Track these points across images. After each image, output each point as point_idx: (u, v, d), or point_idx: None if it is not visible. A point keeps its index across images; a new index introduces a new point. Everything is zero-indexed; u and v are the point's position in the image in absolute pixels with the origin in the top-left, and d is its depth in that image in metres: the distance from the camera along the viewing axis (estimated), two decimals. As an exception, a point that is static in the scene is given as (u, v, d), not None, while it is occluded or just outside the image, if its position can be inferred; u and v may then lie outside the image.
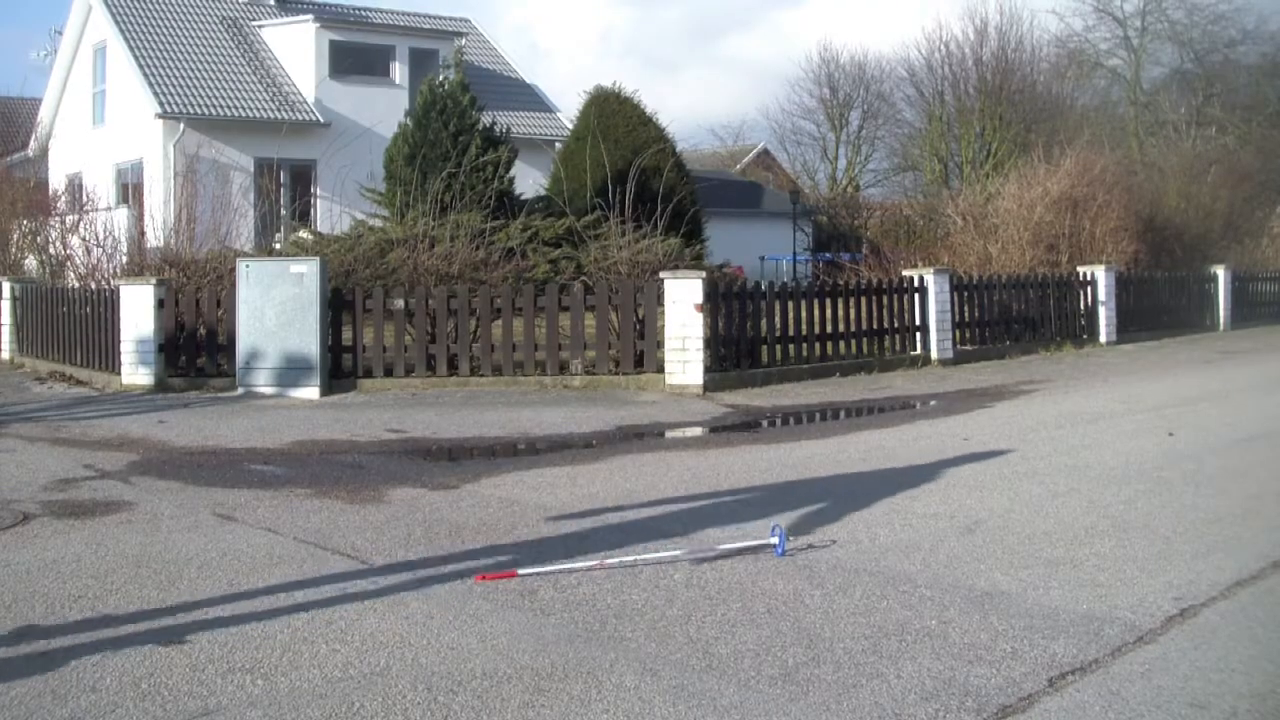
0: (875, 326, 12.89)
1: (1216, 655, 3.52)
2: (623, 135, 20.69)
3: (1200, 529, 5.12)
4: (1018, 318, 14.96)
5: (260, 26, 25.37)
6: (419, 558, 4.75)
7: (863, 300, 12.85)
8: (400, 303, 11.09)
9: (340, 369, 11.03)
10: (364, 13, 28.03)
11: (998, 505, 5.65)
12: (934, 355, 13.20)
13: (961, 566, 4.54)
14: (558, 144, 23.67)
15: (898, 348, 13.07)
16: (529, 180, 21.23)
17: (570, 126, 23.38)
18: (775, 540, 4.69)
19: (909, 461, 6.95)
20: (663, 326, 10.92)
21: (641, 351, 11.06)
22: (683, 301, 10.77)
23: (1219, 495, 5.83)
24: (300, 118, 23.21)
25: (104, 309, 11.70)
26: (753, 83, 73.49)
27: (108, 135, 24.52)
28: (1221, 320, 19.22)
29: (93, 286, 13.14)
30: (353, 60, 24.66)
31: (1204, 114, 35.35)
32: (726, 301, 11.32)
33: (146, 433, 8.34)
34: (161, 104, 22.13)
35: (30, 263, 16.31)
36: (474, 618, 3.92)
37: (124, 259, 14.62)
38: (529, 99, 27.51)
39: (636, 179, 14.12)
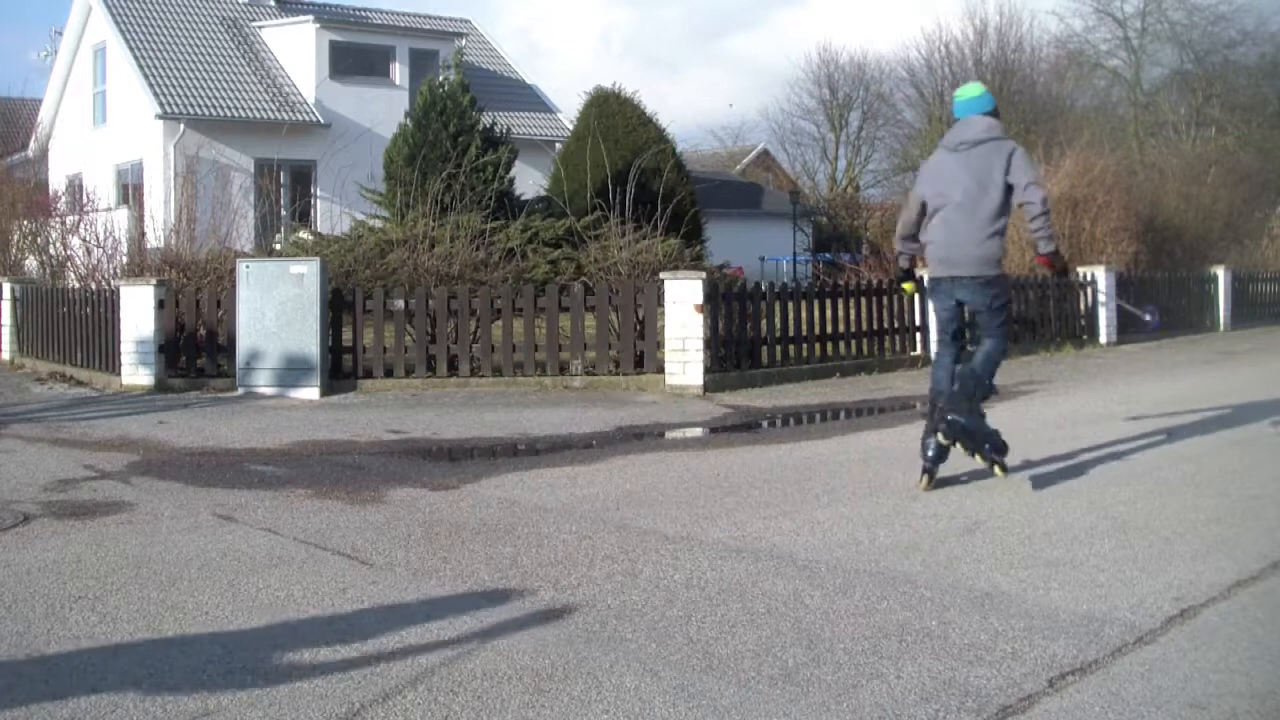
0: (875, 327, 12.89)
1: (1216, 656, 3.52)
2: (622, 136, 20.69)
3: (1200, 529, 5.12)
4: (1018, 318, 14.94)
5: (260, 27, 25.38)
6: (418, 558, 4.75)
7: (863, 301, 12.85)
8: (400, 303, 11.09)
9: (340, 369, 11.03)
10: (364, 13, 28.04)
11: (997, 506, 5.65)
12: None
13: (961, 567, 4.54)
14: (558, 144, 23.68)
15: (898, 348, 13.07)
16: (529, 181, 21.23)
17: (570, 127, 23.38)
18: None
19: (909, 462, 6.94)
20: (663, 327, 10.92)
21: (641, 352, 11.06)
22: (683, 302, 10.77)
23: (1219, 496, 5.83)
24: (300, 118, 23.22)
25: (104, 309, 11.70)
26: (753, 83, 73.52)
27: (108, 136, 24.53)
28: (1221, 321, 19.22)
29: (93, 287, 13.14)
30: (353, 61, 24.67)
31: (1204, 115, 35.35)
32: (726, 302, 11.32)
33: (146, 433, 8.34)
34: (161, 104, 22.14)
35: (30, 263, 16.31)
36: (474, 618, 3.92)
37: (124, 260, 14.62)
38: (529, 99, 27.52)
39: (636, 180, 14.12)
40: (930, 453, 5.97)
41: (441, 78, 19.36)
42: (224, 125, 22.60)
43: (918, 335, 13.28)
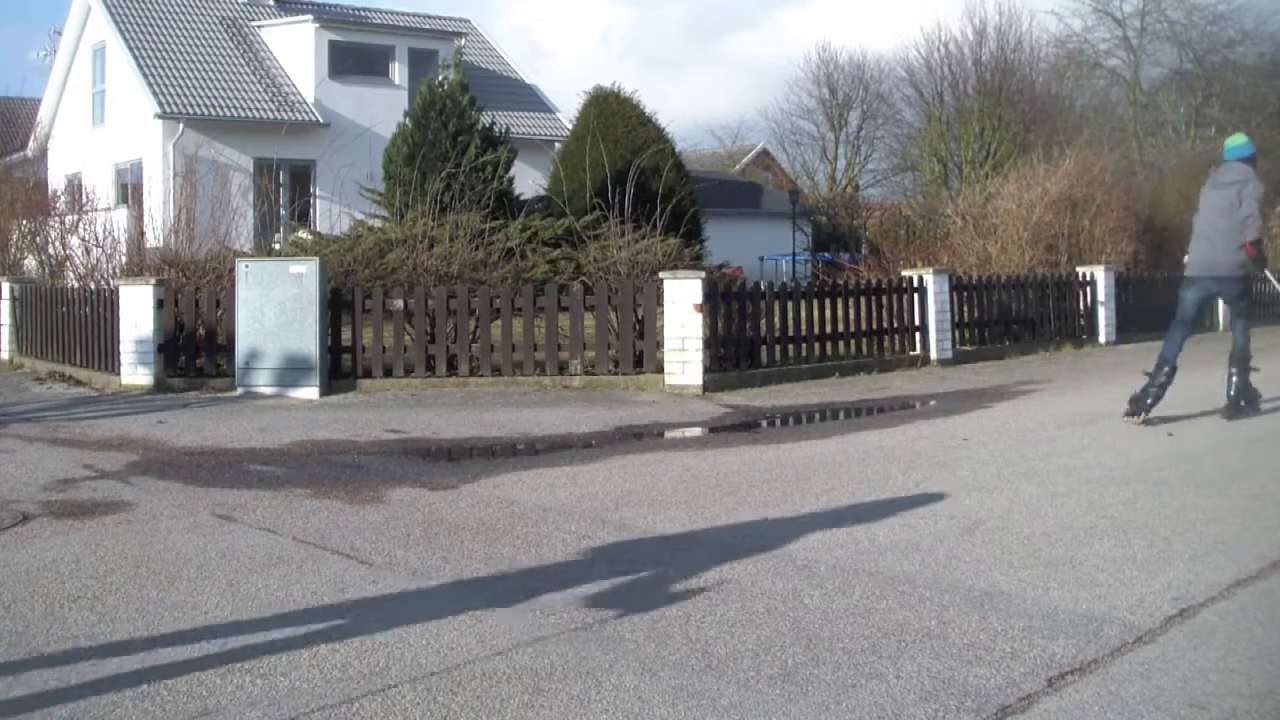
0: (874, 327, 12.89)
1: (1216, 655, 3.53)
2: (622, 135, 20.69)
3: (1200, 529, 5.12)
4: (1017, 318, 14.95)
5: (260, 27, 25.38)
6: (418, 557, 4.75)
7: (862, 300, 12.85)
8: (399, 303, 11.09)
9: (339, 369, 11.03)
10: (364, 13, 28.05)
11: (997, 505, 5.65)
12: (933, 355, 13.20)
13: (961, 566, 4.54)
14: (557, 144, 23.68)
15: (897, 348, 13.06)
16: (528, 180, 21.23)
17: (570, 126, 23.38)
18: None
19: (908, 461, 6.95)
20: (662, 327, 10.92)
21: (641, 352, 11.05)
22: (682, 302, 10.77)
23: (1218, 495, 5.83)
24: (300, 118, 23.22)
25: (103, 309, 11.70)
26: (753, 83, 73.56)
27: (107, 135, 24.53)
28: (1221, 320, 19.18)
29: (92, 287, 13.13)
30: (352, 60, 24.68)
31: (1203, 114, 35.38)
32: (726, 302, 11.31)
33: (146, 433, 8.34)
34: (161, 104, 22.14)
35: (30, 263, 16.31)
36: (473, 617, 3.93)
37: (123, 259, 14.62)
38: (529, 99, 27.52)
39: (636, 179, 14.12)
40: (1149, 400, 8.16)
41: (441, 77, 19.37)
42: (223, 125, 22.60)
43: (917, 335, 13.28)
